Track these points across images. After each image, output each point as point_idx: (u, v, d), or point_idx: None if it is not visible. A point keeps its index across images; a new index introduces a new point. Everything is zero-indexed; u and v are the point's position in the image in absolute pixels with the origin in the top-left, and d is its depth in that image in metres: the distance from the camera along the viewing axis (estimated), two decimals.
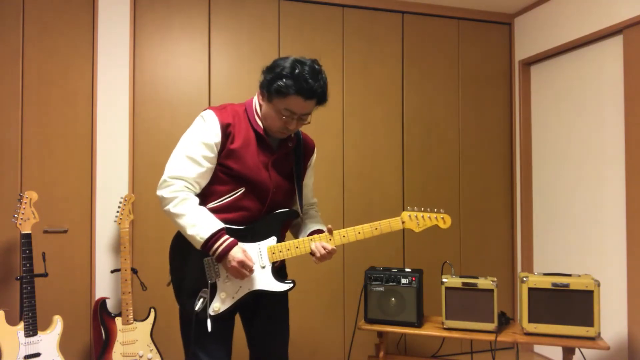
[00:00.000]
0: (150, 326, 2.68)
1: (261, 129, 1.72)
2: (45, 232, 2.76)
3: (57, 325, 2.47)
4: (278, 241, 1.74)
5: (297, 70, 1.60)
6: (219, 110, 1.71)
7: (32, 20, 2.76)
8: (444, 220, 1.89)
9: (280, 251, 1.73)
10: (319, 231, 1.84)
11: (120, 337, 2.60)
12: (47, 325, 2.49)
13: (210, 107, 1.73)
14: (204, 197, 1.72)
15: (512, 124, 3.69)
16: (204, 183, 1.71)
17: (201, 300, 1.65)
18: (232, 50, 3.11)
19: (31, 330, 2.37)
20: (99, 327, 2.61)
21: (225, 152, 1.67)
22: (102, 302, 2.63)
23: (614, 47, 2.90)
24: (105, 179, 2.85)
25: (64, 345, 2.66)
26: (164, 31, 2.99)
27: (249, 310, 1.84)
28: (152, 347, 2.66)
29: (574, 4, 3.14)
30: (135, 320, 2.66)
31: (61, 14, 2.81)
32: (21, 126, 2.74)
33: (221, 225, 1.64)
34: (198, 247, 1.63)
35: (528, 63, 3.61)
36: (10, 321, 2.41)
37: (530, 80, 3.63)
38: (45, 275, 2.53)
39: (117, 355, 2.58)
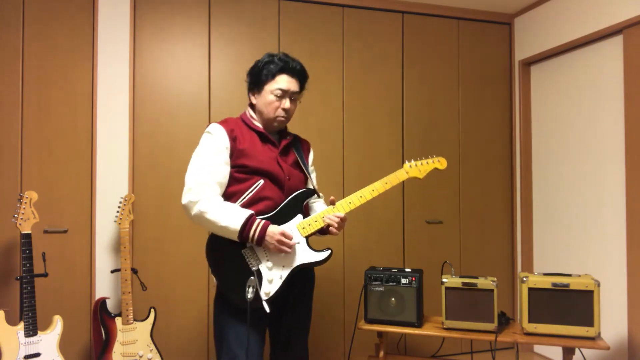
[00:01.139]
0: (150, 326, 2.68)
1: (260, 127, 1.91)
2: (45, 232, 2.76)
3: (57, 325, 2.47)
4: (303, 217, 1.88)
5: (275, 57, 1.89)
6: (221, 122, 1.90)
7: (32, 20, 2.77)
8: (440, 162, 2.12)
9: (309, 224, 1.87)
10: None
11: (120, 337, 2.60)
12: (47, 325, 2.49)
13: (212, 122, 1.93)
14: (227, 199, 1.85)
15: (512, 124, 3.69)
16: (223, 186, 1.84)
17: (251, 288, 1.72)
18: (232, 50, 3.11)
19: (31, 330, 2.37)
20: (99, 327, 2.61)
21: (235, 153, 1.84)
22: (102, 302, 2.63)
23: (614, 47, 2.90)
24: (105, 179, 2.85)
25: (64, 345, 2.66)
26: (164, 31, 2.99)
27: (277, 309, 1.91)
28: (152, 347, 2.66)
29: (574, 4, 3.14)
30: (135, 320, 2.66)
31: (61, 14, 2.81)
32: (21, 126, 2.74)
33: (250, 211, 1.77)
34: (234, 237, 1.75)
35: (528, 63, 3.61)
36: (10, 321, 2.41)
37: (530, 80, 3.63)
38: (45, 275, 2.53)
39: (117, 355, 2.58)
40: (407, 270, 2.63)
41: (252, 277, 1.74)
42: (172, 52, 3.01)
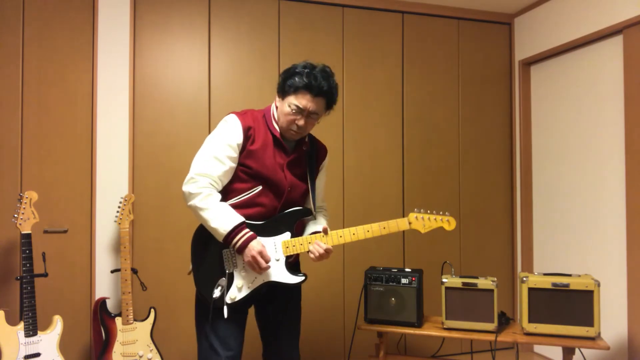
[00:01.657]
0: (150, 326, 2.68)
1: (278, 132, 1.89)
2: (45, 232, 2.76)
3: (57, 325, 2.47)
4: (292, 237, 1.87)
5: (307, 70, 1.81)
6: (241, 114, 1.87)
7: (32, 20, 2.76)
8: (449, 223, 2.03)
9: (294, 245, 1.86)
10: (318, 232, 1.95)
11: (120, 337, 2.60)
12: (47, 325, 2.49)
13: (232, 112, 1.88)
14: (225, 194, 1.86)
15: (512, 124, 3.69)
16: (226, 181, 1.85)
17: (219, 288, 1.75)
18: (232, 50, 3.11)
19: (31, 330, 2.37)
20: (99, 327, 2.61)
21: (245, 152, 1.83)
22: (102, 302, 2.63)
23: (614, 47, 2.90)
24: (105, 179, 2.85)
25: (64, 345, 2.66)
26: (164, 31, 2.99)
27: (264, 301, 1.95)
28: (152, 347, 2.66)
29: (574, 4, 3.14)
30: (135, 320, 2.66)
31: (61, 14, 2.81)
32: (21, 126, 2.74)
33: (242, 219, 1.77)
34: (220, 239, 1.77)
35: (528, 63, 3.61)
36: (10, 321, 2.41)
37: (530, 80, 3.63)
38: (45, 275, 2.53)
39: (117, 355, 2.58)
40: (407, 270, 2.63)
41: (223, 278, 1.77)
42: (172, 52, 3.01)
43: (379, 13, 3.41)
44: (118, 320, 2.62)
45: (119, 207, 2.73)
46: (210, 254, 1.83)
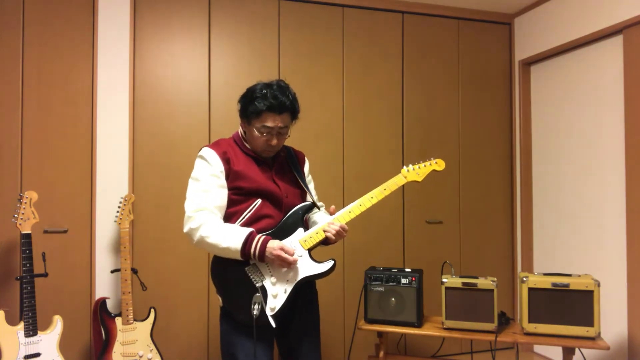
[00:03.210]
0: (150, 326, 2.68)
1: (252, 153, 1.90)
2: (45, 232, 2.76)
3: (57, 325, 2.47)
4: (304, 231, 1.87)
5: (264, 91, 1.80)
6: (213, 145, 1.89)
7: (32, 20, 2.77)
8: (437, 164, 2.10)
9: (311, 237, 1.86)
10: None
11: (120, 337, 2.60)
12: (47, 325, 2.49)
13: (204, 145, 1.90)
14: (227, 219, 1.85)
15: (512, 124, 3.69)
16: (223, 209, 1.83)
17: (256, 305, 1.72)
18: (232, 50, 3.11)
19: (31, 330, 2.37)
20: (99, 327, 2.61)
21: (231, 175, 1.82)
22: (102, 302, 2.63)
23: (614, 47, 2.90)
24: (105, 179, 2.85)
25: (64, 345, 2.66)
26: (164, 31, 2.99)
27: (284, 321, 1.91)
28: (152, 347, 2.67)
29: (574, 4, 3.14)
30: (135, 320, 2.66)
31: (61, 14, 2.81)
32: (21, 126, 2.74)
33: (250, 229, 1.76)
34: (237, 256, 1.74)
35: (528, 63, 3.61)
36: (10, 321, 2.41)
37: (530, 80, 3.63)
38: (45, 275, 2.53)
39: (117, 355, 2.58)
40: (407, 270, 2.63)
41: (257, 294, 1.73)
42: (172, 52, 3.01)
43: (379, 13, 3.41)
44: (118, 320, 2.62)
45: (119, 207, 2.73)
46: (234, 278, 1.80)
